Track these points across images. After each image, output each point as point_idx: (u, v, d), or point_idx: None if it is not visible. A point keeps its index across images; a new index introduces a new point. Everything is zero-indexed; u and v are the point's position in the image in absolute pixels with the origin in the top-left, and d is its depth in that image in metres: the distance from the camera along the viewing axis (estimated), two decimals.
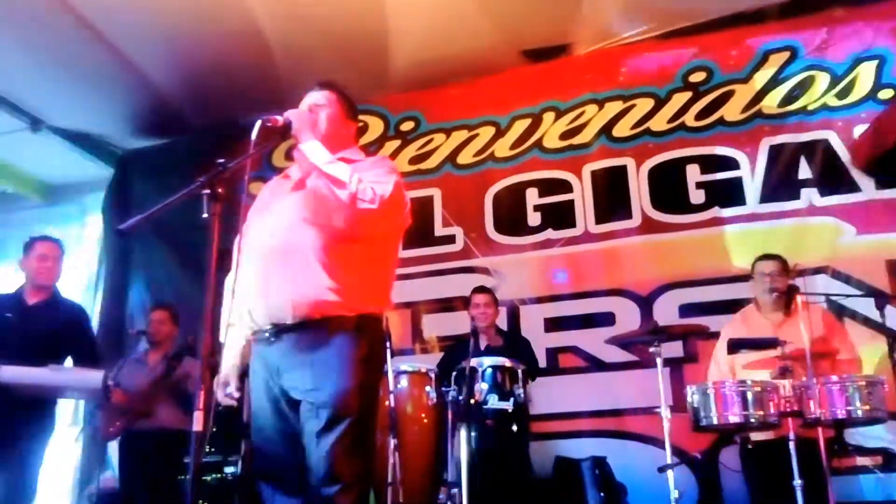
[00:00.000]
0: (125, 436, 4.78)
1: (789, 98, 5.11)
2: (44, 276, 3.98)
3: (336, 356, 2.29)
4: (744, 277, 4.44)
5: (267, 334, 2.37)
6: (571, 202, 5.43)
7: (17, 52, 5.39)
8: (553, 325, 5.24)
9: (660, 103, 5.37)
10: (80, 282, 6.66)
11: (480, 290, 4.82)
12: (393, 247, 2.56)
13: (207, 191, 1.98)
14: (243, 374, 2.52)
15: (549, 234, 5.42)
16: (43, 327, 3.86)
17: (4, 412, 3.47)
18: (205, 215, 2.00)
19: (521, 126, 5.71)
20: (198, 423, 1.79)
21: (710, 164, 5.15)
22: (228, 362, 2.50)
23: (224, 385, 2.47)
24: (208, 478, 4.50)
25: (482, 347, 4.57)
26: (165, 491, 4.72)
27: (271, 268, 2.37)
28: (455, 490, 3.69)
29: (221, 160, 2.07)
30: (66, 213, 7.34)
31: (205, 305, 1.94)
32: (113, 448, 5.02)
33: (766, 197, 4.98)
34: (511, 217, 5.57)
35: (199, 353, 1.96)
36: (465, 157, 5.83)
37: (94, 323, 6.19)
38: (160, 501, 4.68)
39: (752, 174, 5.05)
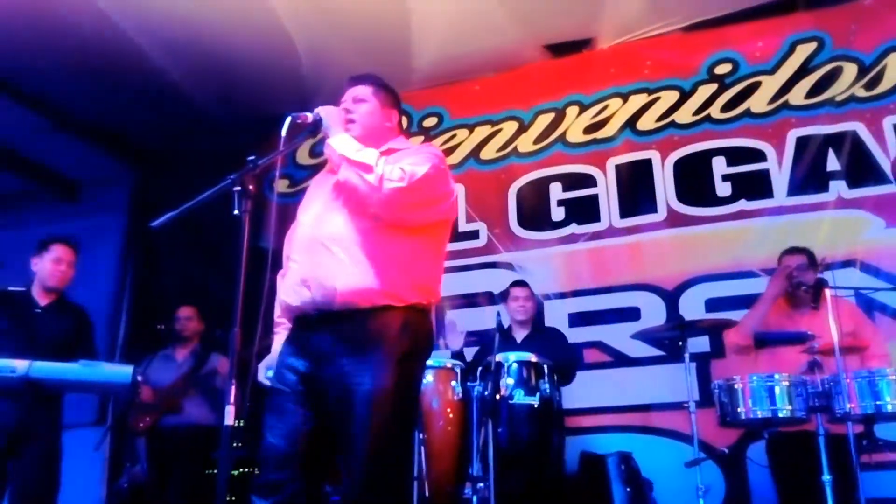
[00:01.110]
0: (154, 431, 4.85)
1: (817, 89, 5.04)
2: (56, 280, 3.98)
3: (378, 351, 2.26)
4: (770, 271, 4.39)
5: (311, 321, 2.35)
6: (596, 196, 5.40)
7: (44, 50, 5.46)
8: (578, 320, 5.21)
9: (685, 96, 5.33)
10: (105, 280, 6.73)
11: (520, 283, 4.80)
12: (439, 237, 2.54)
13: (238, 188, 2.00)
14: None
15: (574, 228, 5.40)
16: (55, 329, 3.90)
17: (30, 407, 3.51)
18: (235, 212, 2.02)
19: (544, 120, 5.69)
20: (229, 417, 1.80)
21: (737, 156, 5.10)
22: (276, 348, 2.50)
23: (267, 367, 2.48)
24: (236, 472, 4.54)
25: (518, 341, 4.56)
26: (194, 485, 4.78)
27: (315, 256, 2.36)
28: (481, 485, 3.70)
29: (251, 157, 2.09)
30: (91, 211, 7.42)
31: (234, 302, 1.95)
32: (142, 443, 5.07)
33: (793, 189, 4.92)
34: (535, 212, 5.56)
35: (228, 348, 1.97)
36: (488, 153, 5.82)
37: (123, 319, 6.32)
38: (188, 496, 4.75)
39: (779, 166, 5.00)
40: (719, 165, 5.13)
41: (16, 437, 3.58)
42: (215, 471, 4.80)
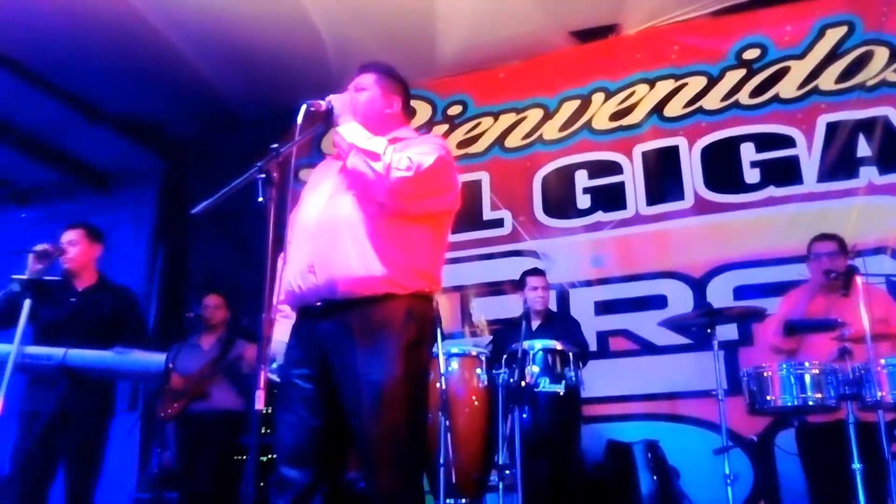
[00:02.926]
0: (182, 417, 4.91)
1: (847, 74, 4.97)
2: (67, 262, 4.05)
3: (385, 340, 2.26)
4: (800, 258, 4.35)
5: (316, 311, 2.36)
6: (622, 184, 5.36)
7: (76, 45, 5.53)
8: (603, 308, 5.20)
9: (713, 81, 5.27)
10: (135, 269, 6.82)
11: (536, 272, 4.78)
12: (441, 227, 2.52)
13: (262, 175, 2.02)
14: None
15: (599, 216, 5.37)
16: (95, 312, 3.95)
17: (70, 394, 3.59)
18: (260, 199, 2.03)
19: (569, 107, 5.65)
20: (259, 401, 1.82)
21: (766, 142, 5.04)
22: (278, 338, 2.49)
23: (269, 360, 2.46)
24: (264, 458, 4.60)
25: (533, 328, 4.56)
26: (222, 470, 4.85)
27: (319, 244, 2.36)
28: (507, 472, 3.71)
29: (275, 145, 2.11)
30: (121, 203, 7.52)
31: (263, 288, 1.97)
32: (171, 429, 5.15)
33: (823, 176, 4.86)
34: (560, 200, 5.54)
35: (255, 334, 1.98)
36: (513, 140, 5.81)
37: (153, 308, 6.40)
38: (217, 480, 4.81)
39: (808, 152, 4.93)
40: (748, 152, 5.07)
41: (57, 422, 3.66)
42: (243, 456, 4.89)
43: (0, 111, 6.41)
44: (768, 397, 3.47)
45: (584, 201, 5.46)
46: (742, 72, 5.21)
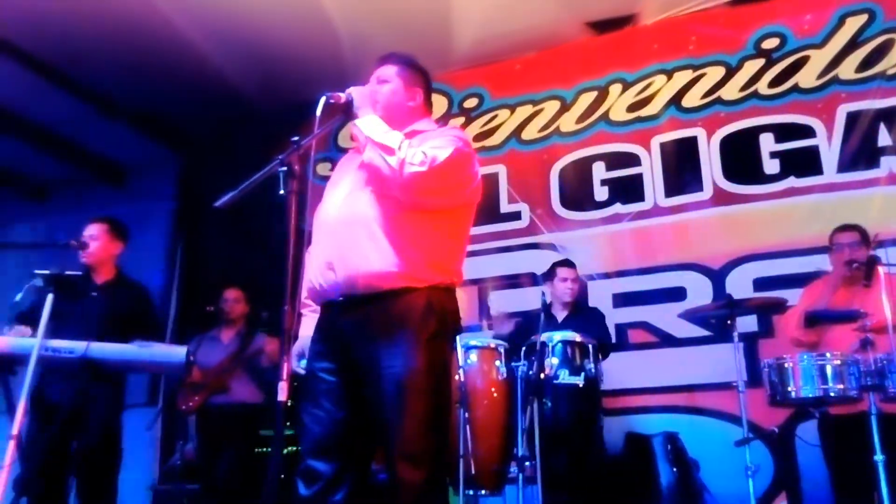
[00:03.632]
0: (202, 410, 4.95)
1: (867, 63, 4.91)
2: (84, 257, 4.10)
3: (406, 333, 2.27)
4: (820, 249, 4.32)
5: (338, 306, 2.37)
6: (640, 175, 5.33)
7: (93, 40, 5.56)
8: (622, 300, 5.18)
9: (731, 71, 5.22)
10: (154, 264, 6.86)
11: (567, 263, 4.76)
12: (462, 220, 2.51)
13: (284, 168, 2.02)
14: None
15: (617, 208, 5.35)
16: (113, 307, 3.99)
17: (87, 386, 3.62)
18: (281, 192, 2.04)
19: (587, 99, 5.63)
20: (283, 393, 1.83)
21: (785, 132, 4.99)
22: (304, 333, 2.52)
23: (298, 356, 2.49)
24: (284, 451, 4.63)
25: (560, 320, 4.55)
26: (242, 463, 4.89)
27: (339, 239, 2.37)
28: (527, 464, 3.71)
29: (295, 137, 2.11)
30: (138, 197, 7.56)
31: (283, 281, 1.98)
32: (192, 422, 5.19)
33: (843, 166, 4.81)
34: (577, 192, 5.52)
35: (277, 328, 1.99)
36: (529, 133, 5.78)
37: (172, 302, 6.44)
38: (238, 472, 4.85)
39: (828, 142, 4.88)
40: (767, 142, 5.03)
41: (76, 415, 3.70)
42: (263, 448, 4.92)
43: (17, 106, 6.46)
44: (789, 388, 3.46)
45: (601, 193, 5.44)
46: (761, 61, 5.16)
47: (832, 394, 3.39)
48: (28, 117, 6.60)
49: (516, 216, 5.65)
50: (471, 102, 6.03)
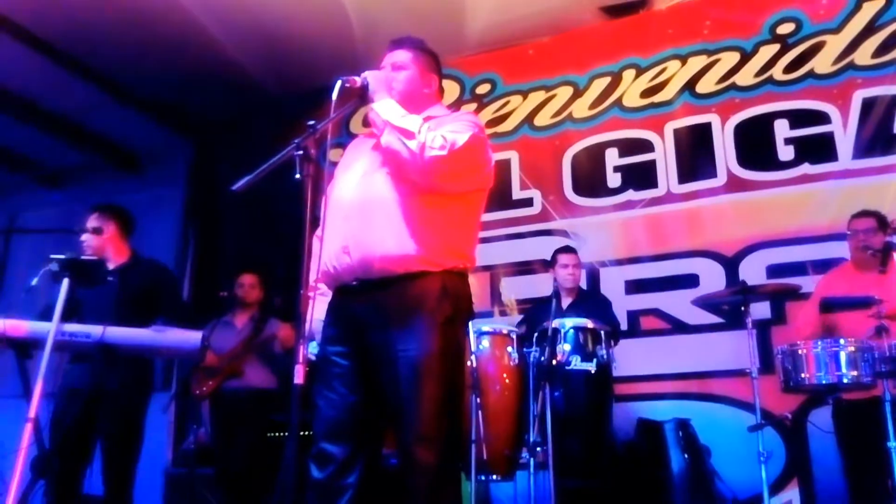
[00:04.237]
0: (216, 395, 4.98)
1: (884, 48, 4.85)
2: (88, 248, 4.13)
3: (420, 317, 2.28)
4: (835, 236, 4.30)
5: (352, 290, 2.38)
6: (653, 162, 5.30)
7: (103, 25, 5.57)
8: (634, 287, 5.17)
9: (746, 57, 5.17)
10: (166, 249, 6.90)
11: (567, 250, 4.77)
12: (475, 205, 2.53)
13: (300, 152, 2.02)
14: None
15: (630, 195, 5.33)
16: (130, 289, 4.00)
17: (108, 372, 3.65)
18: (297, 176, 2.04)
19: (600, 85, 5.60)
20: (298, 376, 1.84)
21: (800, 118, 4.95)
22: (316, 317, 2.50)
23: (309, 341, 2.49)
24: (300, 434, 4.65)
25: (564, 307, 4.55)
26: (256, 447, 4.92)
27: (353, 223, 2.37)
28: (538, 450, 3.72)
29: (311, 121, 2.11)
30: (151, 183, 7.59)
31: (298, 266, 1.99)
32: (205, 407, 5.22)
33: (858, 152, 4.76)
34: (590, 179, 5.50)
35: (290, 313, 2.00)
36: (542, 119, 5.76)
37: (185, 287, 6.47)
38: (251, 457, 4.88)
39: (843, 129, 4.84)
40: (781, 128, 4.99)
41: (95, 400, 3.73)
42: (277, 433, 4.95)
43: (29, 92, 6.50)
44: (803, 375, 3.45)
45: (614, 180, 5.42)
46: (776, 46, 5.12)
47: (845, 380, 3.38)
48: (42, 104, 6.63)
49: (528, 203, 5.64)
50: (483, 88, 6.01)
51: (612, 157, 5.45)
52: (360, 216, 2.37)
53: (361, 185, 2.44)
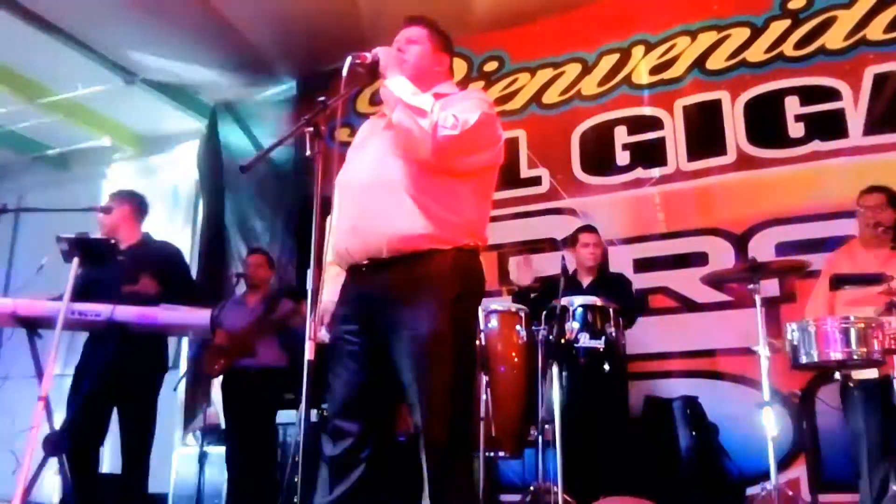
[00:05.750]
0: (227, 374, 5.01)
1: None
2: (101, 227, 4.21)
3: (431, 295, 2.28)
4: (844, 214, 4.28)
5: (364, 270, 2.38)
6: (662, 139, 5.27)
7: (111, 8, 5.56)
8: (643, 265, 5.15)
9: (756, 32, 5.12)
10: (176, 229, 6.92)
11: (589, 228, 4.75)
12: (486, 182, 2.52)
13: (311, 129, 2.02)
14: None
15: (639, 173, 5.30)
16: (139, 269, 4.03)
17: (121, 350, 3.68)
18: (308, 153, 2.04)
19: (608, 62, 5.55)
20: (310, 352, 1.85)
21: (811, 95, 4.90)
22: (327, 298, 2.52)
23: (321, 321, 2.51)
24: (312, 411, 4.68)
25: (584, 286, 4.55)
26: (267, 426, 4.96)
27: (365, 203, 2.38)
28: (547, 426, 3.74)
29: (322, 98, 2.11)
30: (160, 164, 7.61)
31: (308, 245, 1.99)
32: (216, 385, 5.26)
33: (869, 129, 4.72)
34: (599, 157, 5.47)
35: (300, 293, 2.01)
36: (550, 97, 5.73)
37: (194, 267, 6.49)
38: (261, 436, 4.92)
39: (854, 105, 4.79)
40: (792, 105, 4.94)
41: (109, 378, 3.76)
42: (288, 411, 4.98)
43: (38, 75, 6.50)
44: (812, 352, 3.44)
45: (623, 158, 5.39)
46: (787, 22, 5.06)
47: (855, 357, 3.36)
48: (49, 85, 6.63)
49: (537, 181, 5.62)
50: (491, 66, 5.97)
51: (621, 135, 5.42)
52: (370, 196, 2.37)
53: (372, 166, 2.43)
